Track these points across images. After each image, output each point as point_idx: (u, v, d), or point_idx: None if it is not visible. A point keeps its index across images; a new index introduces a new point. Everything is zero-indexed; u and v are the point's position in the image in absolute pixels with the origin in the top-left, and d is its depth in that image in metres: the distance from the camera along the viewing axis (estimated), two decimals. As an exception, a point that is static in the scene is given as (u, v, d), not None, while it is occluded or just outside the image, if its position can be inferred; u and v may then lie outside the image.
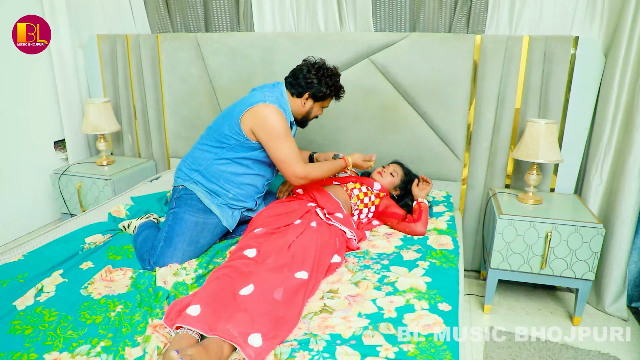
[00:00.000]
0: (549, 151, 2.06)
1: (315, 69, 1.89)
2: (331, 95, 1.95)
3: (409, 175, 2.26)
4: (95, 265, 1.70)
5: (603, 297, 2.22)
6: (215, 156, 1.90)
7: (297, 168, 1.81)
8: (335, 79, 1.92)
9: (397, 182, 2.21)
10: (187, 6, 2.66)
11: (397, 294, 1.52)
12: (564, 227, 1.99)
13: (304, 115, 1.96)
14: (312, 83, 1.87)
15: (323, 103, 1.97)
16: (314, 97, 1.91)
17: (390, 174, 2.22)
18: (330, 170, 1.97)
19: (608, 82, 2.11)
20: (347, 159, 2.06)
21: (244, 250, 1.62)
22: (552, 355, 1.91)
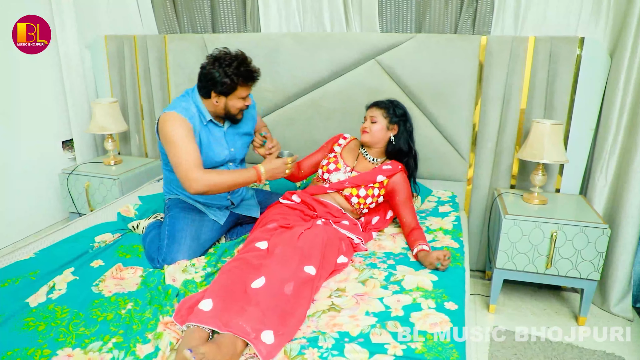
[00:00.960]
0: (554, 152, 2.07)
1: (211, 63, 1.75)
2: (238, 83, 1.75)
3: (397, 113, 1.98)
4: (106, 264, 1.72)
5: (608, 298, 2.22)
6: (170, 172, 1.94)
7: (191, 172, 1.68)
8: (235, 64, 1.73)
9: (383, 127, 1.97)
10: (195, 7, 2.68)
11: (404, 292, 1.54)
12: (569, 227, 2.00)
13: (225, 112, 1.84)
14: (213, 79, 1.74)
15: (237, 94, 1.79)
16: (222, 93, 1.77)
17: (372, 123, 1.97)
18: (235, 180, 1.76)
19: (613, 83, 2.11)
20: (260, 170, 1.79)
21: (255, 242, 1.64)
22: (557, 355, 1.92)
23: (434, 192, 2.43)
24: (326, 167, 2.03)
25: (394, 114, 1.98)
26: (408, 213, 1.93)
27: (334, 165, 2.02)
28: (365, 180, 1.95)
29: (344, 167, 2.01)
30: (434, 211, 2.23)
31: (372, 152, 2.04)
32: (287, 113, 2.60)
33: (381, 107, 1.99)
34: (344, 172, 2.00)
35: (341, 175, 1.99)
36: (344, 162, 2.02)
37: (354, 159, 2.06)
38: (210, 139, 1.88)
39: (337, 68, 2.46)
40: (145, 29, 2.83)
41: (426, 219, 2.14)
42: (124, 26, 2.84)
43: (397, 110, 2.00)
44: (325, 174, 2.02)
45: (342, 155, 2.06)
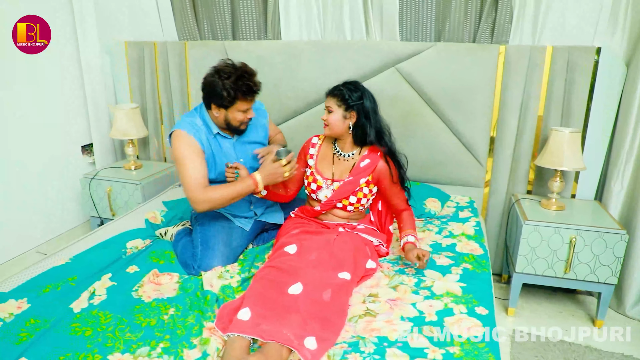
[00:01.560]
0: (572, 159, 2.13)
1: (212, 74, 1.74)
2: (236, 97, 1.73)
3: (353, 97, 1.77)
4: (141, 269, 1.76)
5: (624, 301, 2.28)
6: None
7: (192, 193, 1.72)
8: (234, 78, 1.71)
9: (339, 116, 1.79)
10: (215, 14, 2.72)
11: (435, 298, 1.59)
12: (588, 233, 2.06)
13: (226, 124, 1.84)
14: (213, 91, 1.74)
15: (237, 107, 1.77)
16: (222, 106, 1.76)
17: (328, 114, 1.81)
18: (234, 193, 1.75)
19: (630, 91, 2.17)
20: (256, 177, 1.77)
21: (284, 247, 1.67)
22: (577, 357, 1.98)
23: (452, 198, 2.48)
24: (309, 188, 1.92)
25: (349, 98, 1.77)
26: (394, 195, 1.87)
27: (315, 184, 1.89)
28: (349, 190, 1.83)
29: (324, 182, 1.88)
30: (454, 216, 2.28)
31: (344, 148, 1.88)
32: (306, 119, 2.65)
33: (334, 95, 1.80)
34: (326, 187, 1.88)
35: (327, 192, 1.88)
36: (321, 176, 1.89)
37: (329, 165, 1.91)
38: (219, 151, 1.91)
39: (357, 75, 2.50)
40: (165, 36, 2.86)
41: (447, 224, 2.19)
42: (143, 32, 2.88)
43: (352, 94, 1.78)
44: (312, 194, 1.91)
45: (318, 169, 1.91)
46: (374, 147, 1.85)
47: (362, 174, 1.83)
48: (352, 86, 1.81)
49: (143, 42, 2.87)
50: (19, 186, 2.62)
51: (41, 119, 2.71)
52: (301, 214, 1.95)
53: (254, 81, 1.77)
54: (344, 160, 1.89)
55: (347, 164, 1.89)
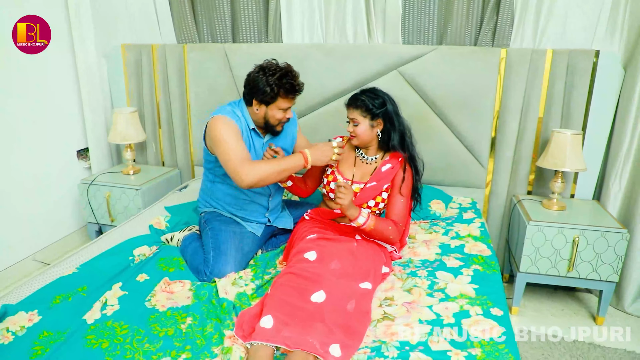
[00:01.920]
0: (574, 160, 2.17)
1: (257, 71, 1.80)
2: (279, 93, 1.78)
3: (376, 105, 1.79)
4: (151, 278, 1.74)
5: (623, 298, 2.34)
6: (212, 183, 2.02)
7: (240, 166, 1.69)
8: (279, 75, 1.76)
9: (366, 127, 1.81)
10: (215, 17, 2.70)
11: (450, 300, 1.61)
12: (590, 232, 2.10)
13: (264, 121, 1.87)
14: (256, 86, 1.78)
15: (278, 104, 1.81)
16: (263, 101, 1.81)
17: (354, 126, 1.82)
18: (283, 166, 1.74)
19: (628, 94, 2.22)
20: (306, 153, 1.78)
21: (303, 253, 1.65)
22: (582, 354, 2.01)
23: (454, 199, 2.51)
24: (328, 187, 1.92)
25: (373, 107, 1.79)
26: (391, 204, 1.84)
27: (334, 183, 1.90)
28: (371, 195, 1.85)
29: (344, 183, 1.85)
30: (458, 218, 2.30)
31: (368, 152, 1.91)
32: (311, 121, 2.64)
33: (357, 106, 1.82)
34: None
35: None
36: (342, 177, 1.91)
37: (351, 166, 1.93)
38: (251, 146, 1.92)
39: (361, 78, 2.51)
40: (164, 39, 2.83)
41: (453, 225, 2.22)
42: (142, 35, 2.84)
43: (375, 102, 1.80)
44: (330, 193, 1.91)
45: (339, 169, 1.93)
46: (396, 153, 1.88)
47: (385, 180, 1.85)
48: (372, 94, 1.82)
49: (141, 45, 2.83)
50: (13, 191, 2.55)
51: (36, 123, 2.64)
52: (316, 216, 1.94)
53: (297, 81, 1.82)
54: (366, 163, 1.92)
55: (369, 167, 1.91)
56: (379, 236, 1.79)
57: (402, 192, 1.85)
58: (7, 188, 2.52)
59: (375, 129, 1.84)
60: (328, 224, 1.94)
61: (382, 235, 1.79)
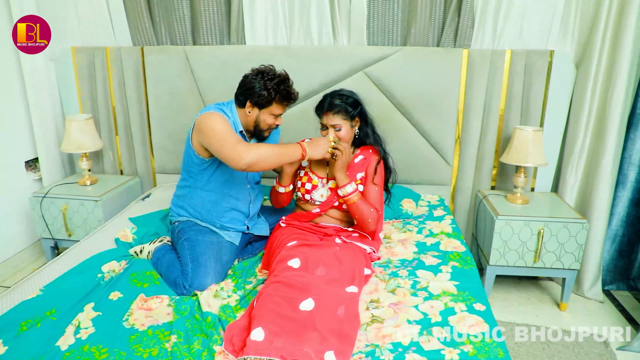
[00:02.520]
0: (536, 155, 2.27)
1: (255, 74, 1.81)
2: (275, 98, 1.79)
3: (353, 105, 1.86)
4: (125, 295, 1.64)
5: (582, 284, 2.48)
6: (190, 189, 1.96)
7: (238, 146, 1.66)
8: (277, 80, 1.78)
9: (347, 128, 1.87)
10: (174, 18, 2.60)
11: (434, 298, 1.63)
12: (554, 223, 2.21)
13: (254, 125, 1.86)
14: (252, 88, 1.78)
15: (271, 109, 1.82)
16: (257, 104, 1.81)
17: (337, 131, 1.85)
18: (280, 153, 1.72)
19: (580, 91, 2.36)
20: (305, 147, 1.76)
21: (287, 261, 1.62)
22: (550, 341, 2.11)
23: (423, 197, 2.56)
24: (303, 189, 1.95)
25: (352, 109, 1.86)
26: (368, 192, 1.90)
27: (310, 183, 1.94)
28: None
29: (320, 181, 1.94)
30: (429, 215, 2.35)
31: None
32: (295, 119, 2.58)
33: (338, 112, 1.85)
34: (322, 185, 1.94)
35: (323, 191, 1.93)
36: (317, 176, 1.95)
37: (323, 166, 1.98)
38: None
39: (327, 80, 2.50)
40: (118, 41, 2.68)
41: (425, 223, 2.26)
42: (94, 37, 2.68)
43: (350, 101, 1.87)
44: (306, 194, 1.94)
45: (312, 169, 1.98)
46: (366, 146, 1.96)
47: (357, 170, 1.92)
48: (344, 95, 1.88)
49: (93, 47, 2.66)
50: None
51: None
52: (293, 221, 1.92)
53: (293, 89, 1.84)
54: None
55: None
56: (359, 215, 1.84)
57: (376, 181, 1.92)
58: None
59: (354, 129, 1.92)
60: (306, 229, 1.92)
61: (361, 215, 1.84)
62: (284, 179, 1.96)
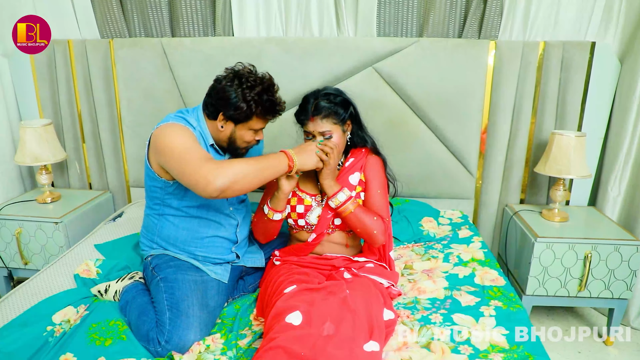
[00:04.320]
0: (579, 166, 1.94)
1: (230, 79, 1.41)
2: (255, 112, 1.41)
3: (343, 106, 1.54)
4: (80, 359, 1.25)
5: (628, 312, 2.15)
6: (159, 217, 1.58)
7: (203, 167, 1.27)
8: (258, 89, 1.39)
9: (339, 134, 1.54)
10: (148, 7, 2.21)
11: (481, 356, 1.27)
12: (603, 246, 1.87)
13: (228, 142, 1.49)
14: (228, 98, 1.39)
15: (250, 124, 1.44)
16: (232, 118, 1.42)
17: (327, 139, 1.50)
18: (263, 165, 1.36)
19: (626, 89, 2.03)
20: (291, 154, 1.40)
21: (285, 317, 1.25)
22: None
23: (442, 213, 2.21)
24: (295, 213, 1.58)
25: (343, 110, 1.53)
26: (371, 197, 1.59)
27: (301, 205, 1.58)
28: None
29: (313, 200, 1.59)
30: (454, 237, 2.00)
31: None
32: (270, 129, 2.14)
33: (327, 116, 1.51)
34: (316, 205, 1.59)
35: (318, 211, 1.58)
36: (308, 194, 1.60)
37: (313, 181, 1.63)
38: None
39: (330, 77, 2.14)
40: (83, 33, 2.28)
41: (450, 247, 1.91)
42: (54, 29, 2.26)
43: (339, 100, 1.54)
44: (299, 220, 1.59)
45: (300, 187, 1.62)
46: (356, 148, 1.65)
47: (349, 172, 1.59)
48: (331, 95, 1.53)
49: (54, 40, 2.25)
50: None
51: None
52: (289, 257, 1.55)
53: (278, 99, 1.45)
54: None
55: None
56: (361, 227, 1.53)
57: (379, 183, 1.61)
58: None
59: (346, 133, 1.59)
60: (307, 265, 1.55)
61: (364, 227, 1.53)
62: (279, 200, 1.51)
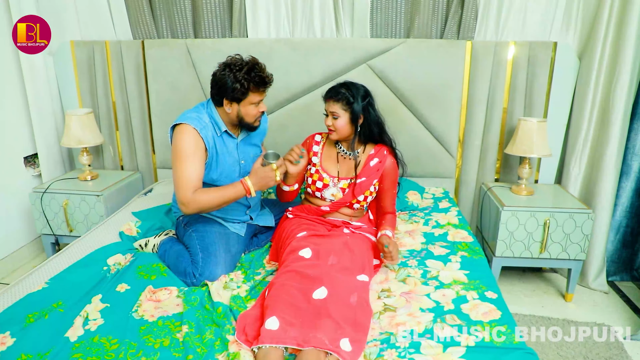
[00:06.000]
0: (540, 146, 2.27)
1: (222, 69, 1.71)
2: (249, 88, 1.69)
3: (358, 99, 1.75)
4: (133, 287, 1.62)
5: (587, 275, 2.48)
6: None
7: (183, 195, 1.66)
8: (246, 69, 1.68)
9: (346, 120, 1.77)
10: (175, 11, 2.57)
11: (445, 287, 1.62)
12: (559, 214, 2.21)
13: (238, 120, 1.78)
14: (224, 85, 1.69)
15: (249, 99, 1.72)
16: (234, 99, 1.71)
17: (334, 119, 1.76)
18: (224, 198, 1.69)
19: (584, 83, 2.36)
20: (247, 183, 1.69)
21: (298, 252, 1.61)
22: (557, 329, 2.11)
23: (427, 189, 2.55)
24: (314, 186, 1.90)
25: (354, 101, 1.75)
26: (389, 198, 1.91)
27: (321, 182, 1.89)
28: (362, 191, 1.87)
29: (331, 180, 1.88)
30: (435, 207, 2.34)
31: (348, 147, 1.88)
32: (278, 118, 2.58)
33: (338, 100, 1.75)
34: (333, 185, 1.88)
35: (334, 190, 1.88)
36: (328, 174, 1.89)
37: (334, 162, 1.91)
38: (224, 150, 1.83)
39: (330, 72, 2.49)
40: (118, 34, 2.65)
41: (431, 214, 2.25)
42: (93, 31, 2.64)
43: (355, 95, 1.75)
44: (317, 192, 1.90)
45: (323, 166, 1.91)
46: (379, 145, 1.89)
47: (374, 175, 1.87)
48: (352, 86, 1.79)
49: (93, 41, 2.63)
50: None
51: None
52: (300, 213, 1.90)
53: (266, 72, 1.73)
54: (349, 159, 1.90)
55: (352, 162, 1.89)
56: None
57: (393, 185, 1.91)
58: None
59: (355, 123, 1.80)
60: (315, 220, 1.90)
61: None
62: (288, 179, 1.85)
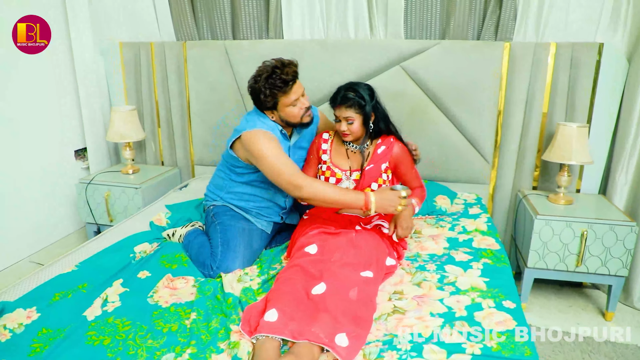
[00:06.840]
0: (580, 153, 2.14)
1: (252, 83, 1.79)
2: (276, 93, 1.74)
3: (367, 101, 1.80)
4: (153, 274, 1.69)
5: (631, 293, 2.31)
6: (231, 180, 1.98)
7: (296, 179, 1.67)
8: (265, 76, 1.73)
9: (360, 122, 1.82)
10: (215, 13, 2.67)
11: (461, 293, 1.57)
12: (598, 225, 2.07)
13: (286, 123, 1.85)
14: (257, 97, 1.78)
15: (284, 102, 1.77)
16: (270, 107, 1.80)
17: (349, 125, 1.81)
18: (339, 198, 1.67)
19: (633, 87, 2.20)
20: (370, 198, 1.65)
21: (304, 248, 1.66)
22: (593, 350, 1.98)
23: (459, 195, 2.47)
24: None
25: (365, 103, 1.79)
26: (411, 177, 1.95)
27: (333, 177, 1.91)
28: (373, 178, 1.88)
29: (344, 174, 1.91)
30: (464, 213, 2.27)
31: (357, 142, 1.91)
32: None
33: (350, 105, 1.79)
34: (346, 178, 1.91)
35: (347, 183, 1.90)
36: (339, 169, 1.92)
37: (345, 158, 1.93)
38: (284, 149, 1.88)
39: (362, 74, 2.49)
40: (162, 36, 2.79)
41: (459, 220, 2.18)
42: (141, 32, 2.80)
43: (363, 95, 1.80)
44: None
45: (334, 162, 1.93)
46: (384, 136, 1.93)
47: (382, 160, 1.89)
48: (358, 88, 1.82)
49: (139, 42, 2.79)
50: (10, 192, 2.50)
51: (34, 123, 2.60)
52: (315, 212, 1.92)
53: (286, 72, 1.74)
54: (359, 153, 1.92)
55: (361, 155, 1.92)
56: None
57: (410, 163, 1.93)
58: (4, 189, 2.47)
59: (368, 122, 1.84)
60: (329, 218, 1.90)
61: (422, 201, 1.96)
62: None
